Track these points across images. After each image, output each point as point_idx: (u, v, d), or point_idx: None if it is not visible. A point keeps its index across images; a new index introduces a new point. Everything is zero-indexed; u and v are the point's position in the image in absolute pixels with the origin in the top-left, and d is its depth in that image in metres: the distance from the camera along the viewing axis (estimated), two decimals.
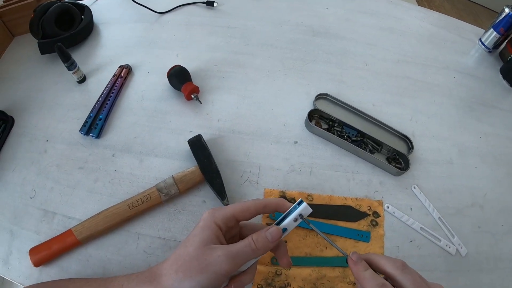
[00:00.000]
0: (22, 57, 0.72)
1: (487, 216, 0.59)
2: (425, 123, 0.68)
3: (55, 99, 0.65)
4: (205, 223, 0.36)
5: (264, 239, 0.36)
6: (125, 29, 0.77)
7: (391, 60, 0.76)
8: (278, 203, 0.38)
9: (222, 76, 0.69)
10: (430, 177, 0.61)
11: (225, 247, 0.35)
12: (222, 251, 0.34)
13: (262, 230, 0.36)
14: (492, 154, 0.66)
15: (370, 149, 0.61)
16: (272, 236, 0.36)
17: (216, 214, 0.37)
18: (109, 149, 0.59)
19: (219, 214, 0.37)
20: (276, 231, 0.36)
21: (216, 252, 0.34)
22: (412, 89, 0.72)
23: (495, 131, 0.70)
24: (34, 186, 0.56)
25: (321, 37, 0.78)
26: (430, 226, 0.57)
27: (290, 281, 0.49)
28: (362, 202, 0.57)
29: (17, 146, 0.60)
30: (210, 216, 0.37)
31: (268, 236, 0.36)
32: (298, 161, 0.59)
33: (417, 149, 0.64)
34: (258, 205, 0.38)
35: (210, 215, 0.37)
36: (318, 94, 0.66)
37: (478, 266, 0.55)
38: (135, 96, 0.66)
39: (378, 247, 0.54)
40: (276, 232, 0.36)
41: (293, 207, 0.37)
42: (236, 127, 0.62)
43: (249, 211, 0.37)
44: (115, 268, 0.49)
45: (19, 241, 0.51)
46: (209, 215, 0.37)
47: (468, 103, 0.73)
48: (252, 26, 0.78)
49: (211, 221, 0.36)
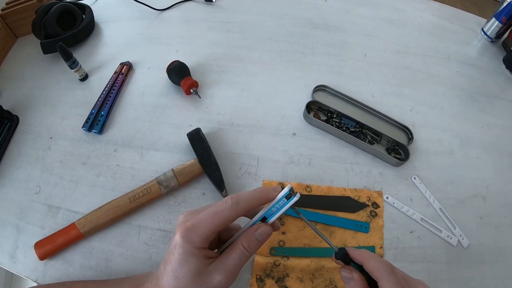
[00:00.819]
0: (25, 57, 0.74)
1: (489, 208, 0.58)
2: (426, 113, 0.67)
3: (58, 97, 0.67)
4: (185, 251, 0.33)
5: (255, 242, 0.34)
6: (126, 27, 0.78)
7: (391, 51, 0.76)
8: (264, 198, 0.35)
9: (221, 71, 0.70)
10: (431, 168, 0.61)
11: (220, 267, 0.33)
12: (220, 274, 0.33)
13: (250, 233, 0.34)
14: (495, 144, 0.66)
15: (369, 140, 0.61)
16: (263, 237, 0.34)
17: (193, 239, 0.33)
18: (111, 145, 0.61)
19: (196, 238, 0.33)
20: (266, 232, 0.34)
21: (215, 277, 0.33)
22: (413, 80, 0.72)
23: (498, 122, 0.69)
24: (39, 182, 0.57)
25: (320, 29, 0.78)
26: (431, 217, 0.56)
27: (288, 272, 0.50)
28: (361, 193, 0.57)
29: (22, 144, 0.62)
30: (186, 242, 0.33)
31: (258, 238, 0.34)
32: (296, 152, 0.60)
33: (418, 140, 0.63)
34: (240, 212, 0.34)
35: (186, 240, 0.33)
36: (317, 86, 0.66)
37: (480, 258, 0.54)
38: (136, 92, 0.67)
39: (377, 238, 0.54)
40: (266, 232, 0.34)
41: (281, 199, 0.34)
42: (235, 120, 0.63)
43: (228, 221, 0.33)
44: (117, 259, 0.51)
45: (25, 236, 0.53)
46: (185, 241, 0.33)
47: (470, 93, 0.72)
48: (251, 20, 0.79)
49: (192, 247, 0.33)
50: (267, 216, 0.35)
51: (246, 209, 0.34)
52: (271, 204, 0.35)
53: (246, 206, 0.34)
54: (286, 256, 0.51)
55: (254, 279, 0.49)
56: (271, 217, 0.35)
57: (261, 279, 0.49)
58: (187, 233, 0.33)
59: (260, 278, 0.49)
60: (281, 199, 0.34)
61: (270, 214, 0.35)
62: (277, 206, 0.35)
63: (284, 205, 0.34)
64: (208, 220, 0.33)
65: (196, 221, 0.33)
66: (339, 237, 0.53)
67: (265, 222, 0.35)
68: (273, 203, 0.35)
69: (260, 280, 0.49)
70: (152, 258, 0.51)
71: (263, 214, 0.35)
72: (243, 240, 0.34)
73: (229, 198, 0.34)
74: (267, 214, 0.35)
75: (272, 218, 0.35)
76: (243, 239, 0.34)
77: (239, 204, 0.33)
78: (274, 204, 0.35)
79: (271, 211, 0.35)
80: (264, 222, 0.36)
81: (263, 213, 0.35)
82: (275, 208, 0.35)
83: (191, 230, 0.33)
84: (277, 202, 0.34)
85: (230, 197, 0.34)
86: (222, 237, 0.39)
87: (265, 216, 0.35)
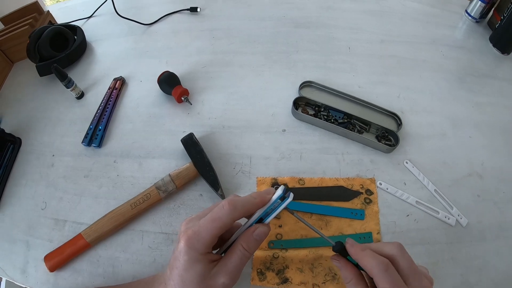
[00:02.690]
0: (23, 81, 0.77)
1: (487, 185, 0.59)
2: (414, 99, 0.68)
3: (58, 116, 0.70)
4: (190, 257, 0.34)
5: (254, 242, 0.36)
6: (116, 44, 0.81)
7: (375, 42, 0.77)
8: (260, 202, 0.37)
9: (210, 77, 0.72)
10: (422, 151, 0.62)
11: (223, 269, 0.35)
12: (224, 276, 0.35)
13: (248, 234, 0.36)
14: (487, 123, 0.66)
15: (358, 129, 0.62)
16: (261, 237, 0.36)
17: (196, 246, 0.34)
18: (111, 156, 0.63)
19: (199, 245, 0.34)
20: (264, 232, 0.36)
21: (219, 279, 0.35)
22: (399, 67, 0.73)
23: (489, 100, 0.69)
24: (45, 198, 0.60)
25: (303, 27, 0.80)
26: (426, 199, 0.57)
27: (288, 263, 0.51)
28: (354, 181, 0.58)
29: (26, 163, 0.65)
30: (191, 249, 0.34)
31: (257, 238, 0.36)
32: (287, 148, 0.61)
33: (407, 125, 0.64)
34: (237, 217, 0.35)
35: (190, 248, 0.34)
36: (303, 82, 0.67)
37: (481, 235, 0.54)
38: (130, 104, 0.70)
39: (373, 224, 0.55)
40: (264, 232, 0.36)
41: (275, 201, 0.37)
42: (226, 122, 0.65)
43: (227, 226, 0.35)
44: (124, 265, 0.53)
45: (34, 250, 0.55)
46: (190, 248, 0.34)
47: (458, 75, 0.73)
48: (235, 25, 0.81)
49: (196, 254, 0.34)
50: (264, 217, 0.38)
51: (243, 214, 0.36)
52: (267, 206, 0.37)
53: (242, 210, 0.36)
54: (284, 248, 0.52)
55: (255, 272, 0.50)
56: (267, 218, 0.38)
57: (261, 272, 0.50)
58: (190, 241, 0.34)
59: (260, 272, 0.50)
60: (276, 201, 0.37)
61: (266, 215, 0.38)
62: (272, 207, 0.37)
63: (279, 206, 0.37)
64: (208, 227, 0.35)
65: (197, 229, 0.35)
66: (335, 226, 0.54)
67: (262, 223, 0.38)
68: (268, 205, 0.37)
69: (261, 273, 0.50)
70: (156, 260, 0.53)
71: (260, 216, 0.37)
72: (242, 241, 0.36)
73: (226, 204, 0.35)
74: (263, 215, 0.37)
75: (268, 218, 0.38)
76: (242, 241, 0.36)
77: (236, 210, 0.35)
78: (269, 206, 0.37)
79: (267, 212, 0.37)
80: (261, 222, 0.38)
81: (260, 215, 0.37)
82: (270, 210, 0.37)
83: (193, 238, 0.34)
84: (272, 204, 0.37)
85: (227, 202, 0.35)
86: (223, 236, 0.40)
87: (261, 217, 0.38)
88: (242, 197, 0.37)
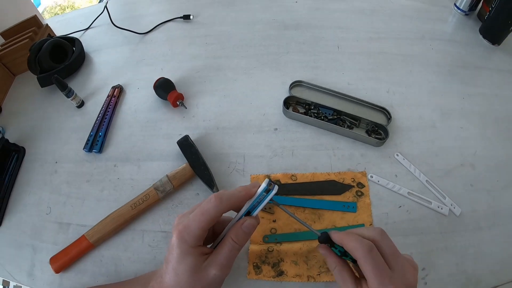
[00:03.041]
0: (25, 93, 0.81)
1: (479, 174, 0.59)
2: (403, 93, 0.70)
3: (59, 125, 0.73)
4: (182, 250, 0.36)
5: (243, 234, 0.38)
6: (113, 53, 0.85)
7: (363, 39, 0.79)
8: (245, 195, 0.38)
9: (203, 81, 0.74)
10: (413, 144, 0.63)
11: (214, 262, 0.37)
12: (215, 268, 0.36)
13: (237, 226, 0.38)
14: (477, 113, 0.66)
15: (348, 125, 0.64)
16: (250, 229, 0.38)
17: (187, 239, 0.36)
18: (111, 161, 0.66)
19: (189, 238, 0.36)
20: (252, 224, 0.38)
21: (210, 271, 0.36)
22: (387, 63, 0.75)
23: (479, 91, 0.70)
24: (49, 203, 0.63)
25: (292, 29, 0.82)
26: (418, 190, 0.57)
27: (283, 257, 0.52)
28: (345, 175, 0.59)
29: (30, 171, 0.67)
30: (182, 242, 0.36)
31: (246, 230, 0.38)
32: (279, 145, 0.63)
33: (397, 119, 0.65)
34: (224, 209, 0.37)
35: (181, 241, 0.36)
36: (293, 82, 0.70)
37: (476, 224, 0.55)
38: (128, 111, 0.73)
39: (366, 216, 0.56)
40: (252, 224, 0.38)
41: (260, 193, 0.38)
42: (220, 123, 0.67)
43: (215, 218, 0.37)
44: (125, 264, 0.55)
45: (40, 254, 0.58)
46: (181, 242, 0.36)
47: (447, 68, 0.74)
48: (227, 30, 0.84)
49: (187, 246, 0.36)
50: (251, 210, 0.40)
51: (230, 206, 0.38)
52: (253, 199, 0.39)
53: (229, 203, 0.37)
54: (278, 242, 0.54)
55: (251, 266, 0.52)
56: (255, 210, 0.40)
57: (257, 266, 0.52)
58: (181, 235, 0.36)
59: (256, 265, 0.52)
60: (261, 194, 0.38)
61: (253, 208, 0.39)
62: (258, 200, 0.39)
63: (265, 198, 0.39)
64: (197, 220, 0.36)
65: (187, 223, 0.37)
66: (328, 219, 0.56)
67: (250, 216, 0.40)
68: (255, 198, 0.39)
69: (257, 267, 0.52)
70: (157, 258, 0.55)
71: (247, 209, 0.39)
72: (232, 234, 0.38)
73: (213, 197, 0.37)
74: (250, 208, 0.39)
75: (256, 211, 0.40)
76: (232, 233, 0.38)
77: (222, 202, 0.37)
78: (255, 199, 0.39)
79: (254, 205, 0.39)
80: (249, 215, 0.40)
81: (247, 208, 0.39)
82: (256, 203, 0.39)
83: (184, 231, 0.36)
84: (257, 197, 0.39)
85: (214, 196, 0.37)
86: (216, 230, 0.42)
87: (249, 210, 0.39)
88: (229, 191, 0.39)
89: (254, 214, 0.40)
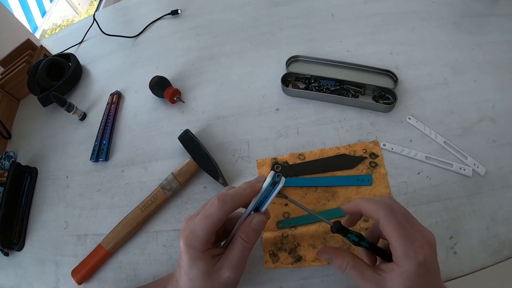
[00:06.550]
0: (30, 115, 0.82)
1: (501, 128, 0.54)
2: (407, 52, 0.65)
3: (65, 140, 0.74)
4: (191, 256, 0.35)
5: (253, 232, 0.36)
6: (108, 61, 0.84)
7: (359, 3, 0.74)
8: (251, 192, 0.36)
9: (198, 72, 0.73)
10: (425, 104, 0.59)
11: (226, 263, 0.35)
12: (228, 270, 0.35)
13: (246, 224, 0.36)
14: (491, 62, 0.61)
15: (352, 94, 0.60)
16: (259, 226, 0.36)
17: (194, 244, 0.35)
18: (118, 167, 0.66)
19: (196, 243, 0.35)
20: (261, 220, 0.36)
21: (223, 273, 0.35)
22: (387, 24, 0.70)
23: (490, 39, 0.64)
24: (65, 218, 0.63)
25: (283, 5, 0.78)
26: (437, 153, 0.54)
27: (299, 241, 0.50)
28: (356, 147, 0.56)
29: (44, 189, 0.69)
30: (190, 248, 0.35)
31: (255, 228, 0.36)
32: (283, 125, 0.60)
33: (405, 80, 0.61)
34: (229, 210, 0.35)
35: (189, 247, 0.35)
36: (289, 58, 0.66)
37: (504, 182, 0.50)
38: (129, 115, 0.72)
39: (383, 187, 0.52)
40: (261, 221, 0.36)
41: (266, 188, 0.36)
42: (220, 112, 0.65)
43: (220, 221, 0.35)
44: (143, 267, 0.55)
45: (63, 268, 0.59)
46: (188, 248, 0.35)
47: (452, 19, 0.68)
48: (217, 18, 0.81)
49: (196, 251, 0.35)
50: (259, 206, 0.37)
51: (234, 206, 0.35)
52: (259, 194, 0.36)
53: (233, 203, 0.35)
54: (293, 226, 0.51)
55: (267, 255, 0.50)
56: (263, 206, 0.37)
57: (274, 253, 0.50)
58: (188, 240, 0.35)
59: (273, 253, 0.50)
60: (267, 188, 0.36)
61: (260, 203, 0.37)
62: (264, 195, 0.36)
63: (272, 192, 0.36)
64: (202, 224, 0.34)
65: (192, 228, 0.35)
66: (343, 196, 0.53)
67: (259, 212, 0.37)
68: (261, 193, 0.36)
69: (273, 255, 0.50)
70: (172, 257, 0.54)
71: (255, 205, 0.37)
72: (241, 233, 0.36)
73: (215, 199, 0.35)
74: (258, 204, 0.37)
75: (264, 206, 0.37)
76: (241, 232, 0.36)
77: (225, 204, 0.35)
78: (262, 194, 0.36)
79: (261, 200, 0.37)
80: (257, 211, 0.37)
81: (254, 204, 0.37)
82: (264, 198, 0.37)
83: (190, 237, 0.35)
84: (264, 191, 0.36)
85: (217, 198, 0.35)
86: (227, 227, 0.40)
87: (257, 206, 0.37)
88: (232, 190, 0.36)
89: (262, 210, 0.37)
